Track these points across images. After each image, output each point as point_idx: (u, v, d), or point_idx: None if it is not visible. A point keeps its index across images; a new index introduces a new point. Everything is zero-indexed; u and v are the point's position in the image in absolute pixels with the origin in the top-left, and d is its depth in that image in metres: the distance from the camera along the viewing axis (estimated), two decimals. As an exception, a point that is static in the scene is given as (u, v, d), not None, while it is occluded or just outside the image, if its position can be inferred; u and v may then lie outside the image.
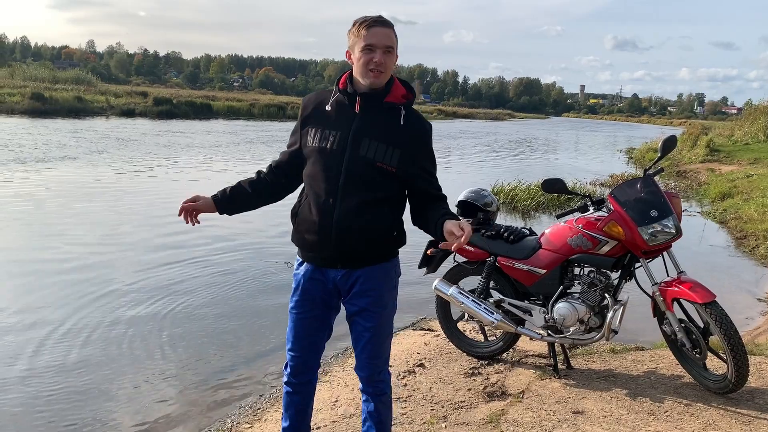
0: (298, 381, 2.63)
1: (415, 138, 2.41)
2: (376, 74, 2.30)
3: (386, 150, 2.34)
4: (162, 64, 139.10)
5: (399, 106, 2.39)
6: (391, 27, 2.33)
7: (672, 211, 3.60)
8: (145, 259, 7.10)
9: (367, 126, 2.35)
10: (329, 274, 2.46)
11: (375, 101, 2.36)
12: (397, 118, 2.38)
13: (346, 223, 2.34)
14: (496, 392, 3.75)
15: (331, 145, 2.35)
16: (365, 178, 2.34)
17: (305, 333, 2.55)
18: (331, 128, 2.37)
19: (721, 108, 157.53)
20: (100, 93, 40.64)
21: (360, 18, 2.34)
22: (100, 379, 4.29)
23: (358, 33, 2.30)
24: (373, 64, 2.29)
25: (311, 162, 2.41)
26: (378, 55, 2.28)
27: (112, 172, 13.68)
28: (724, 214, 11.15)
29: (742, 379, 3.44)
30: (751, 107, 29.97)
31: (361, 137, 2.34)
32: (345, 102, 2.38)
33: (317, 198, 2.37)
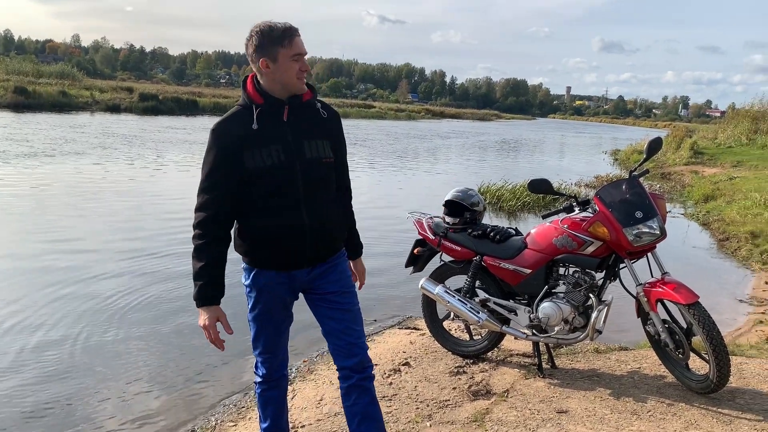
0: (275, 378, 2.70)
1: (335, 126, 2.56)
2: (303, 80, 2.40)
3: (323, 144, 2.45)
4: (148, 60, 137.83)
5: (313, 101, 2.49)
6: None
7: (657, 213, 3.63)
8: (127, 254, 7.05)
9: (300, 129, 2.41)
10: (294, 275, 2.49)
11: (296, 104, 2.42)
12: (317, 113, 2.49)
13: (319, 225, 2.42)
14: (481, 391, 3.76)
15: (278, 159, 2.34)
16: (320, 178, 2.44)
17: (277, 334, 2.62)
18: (269, 143, 2.34)
19: (705, 111, 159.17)
20: (84, 88, 40.22)
21: (274, 26, 2.31)
22: (82, 379, 4.25)
23: (284, 44, 2.31)
24: (300, 73, 2.36)
25: (262, 182, 2.34)
26: (304, 62, 2.38)
27: (114, 167, 13.56)
28: (707, 216, 11.27)
29: (723, 379, 3.47)
30: (734, 111, 30.29)
31: (301, 141, 2.39)
32: (271, 114, 2.38)
33: (283, 211, 2.37)
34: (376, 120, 51.81)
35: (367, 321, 5.41)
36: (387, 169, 17.77)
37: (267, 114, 2.37)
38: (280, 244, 2.40)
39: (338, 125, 2.58)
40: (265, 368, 2.67)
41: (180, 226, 8.58)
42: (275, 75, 2.34)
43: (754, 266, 7.93)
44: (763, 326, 5.46)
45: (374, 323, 5.45)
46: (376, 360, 4.30)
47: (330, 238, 2.50)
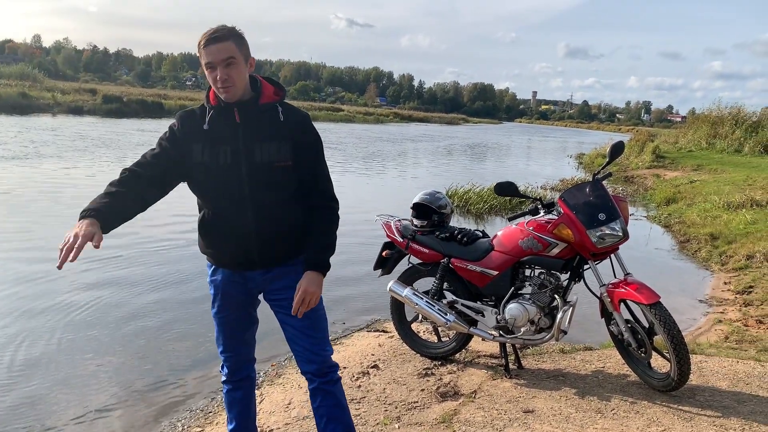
0: (238, 378, 2.70)
1: (297, 127, 2.42)
2: (227, 90, 2.29)
3: (279, 147, 2.36)
4: (112, 62, 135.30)
5: (275, 104, 2.41)
6: (227, 39, 2.25)
7: (619, 215, 3.70)
8: (87, 258, 6.92)
9: (252, 131, 2.35)
10: (248, 276, 2.50)
11: (251, 107, 2.37)
12: (277, 116, 2.40)
13: (266, 229, 2.38)
14: (449, 392, 3.79)
15: (225, 159, 2.32)
16: (270, 182, 2.36)
17: (234, 332, 2.62)
18: (217, 143, 2.34)
19: (666, 116, 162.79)
20: (46, 89, 39.33)
21: (202, 34, 2.29)
22: (42, 384, 4.15)
23: (199, 54, 2.29)
24: (219, 82, 2.27)
25: (204, 178, 2.36)
26: (219, 71, 2.25)
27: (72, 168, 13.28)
28: (669, 219, 11.52)
29: (684, 377, 3.56)
30: (694, 116, 31.06)
31: (251, 143, 2.34)
32: (223, 116, 2.36)
33: (226, 211, 2.37)
34: (345, 123, 51.78)
35: (335, 324, 5.41)
36: (356, 171, 17.77)
37: (218, 116, 2.36)
38: (227, 244, 2.43)
39: (303, 128, 2.44)
40: (227, 367, 2.69)
41: (151, 232, 8.46)
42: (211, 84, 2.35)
43: (714, 267, 8.13)
44: (721, 325, 5.60)
45: (342, 326, 5.45)
46: (344, 363, 4.30)
47: (280, 241, 2.43)
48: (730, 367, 4.16)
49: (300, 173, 2.43)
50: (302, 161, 2.42)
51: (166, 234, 8.40)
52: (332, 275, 2.87)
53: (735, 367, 4.18)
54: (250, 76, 2.38)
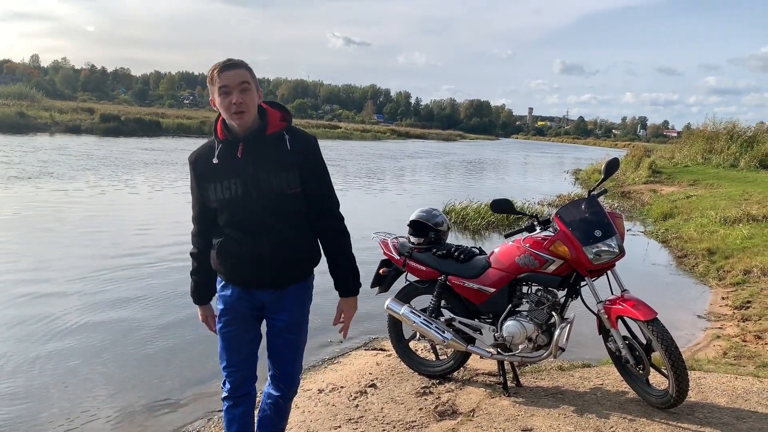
0: (239, 394, 2.71)
1: (305, 154, 2.51)
2: (239, 116, 2.37)
3: (287, 175, 2.45)
4: (110, 81, 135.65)
5: (282, 133, 2.49)
6: (242, 66, 2.40)
7: (615, 231, 3.71)
8: (90, 277, 6.90)
9: (258, 164, 2.44)
10: (256, 295, 2.60)
11: (257, 139, 2.45)
12: (284, 145, 2.48)
13: (280, 256, 2.51)
14: (447, 411, 3.77)
15: (235, 193, 2.45)
16: (281, 209, 2.48)
17: (239, 347, 2.67)
18: (227, 177, 2.46)
19: (662, 131, 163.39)
20: (44, 109, 39.44)
21: (213, 66, 2.41)
22: (38, 402, 4.12)
23: (212, 79, 2.39)
24: (233, 106, 2.35)
25: (223, 212, 2.51)
26: (235, 95, 2.35)
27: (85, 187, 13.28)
28: (666, 234, 11.54)
29: (682, 393, 3.55)
30: (689, 131, 31.22)
31: (258, 175, 2.44)
32: (230, 150, 2.46)
33: (243, 239, 2.50)
34: (342, 140, 51.95)
35: (332, 343, 5.39)
36: (353, 189, 17.79)
37: (226, 150, 2.46)
38: (242, 267, 2.54)
39: (310, 154, 2.53)
40: (228, 382, 2.71)
41: (149, 252, 8.45)
42: (221, 112, 2.44)
43: (711, 282, 8.13)
44: (720, 341, 5.59)
45: (340, 345, 5.43)
46: (342, 382, 4.28)
47: (291, 265, 2.57)
48: (728, 384, 4.15)
49: (309, 198, 2.53)
50: (311, 186, 2.53)
51: (164, 254, 8.38)
52: (329, 294, 2.89)
53: (734, 383, 4.16)
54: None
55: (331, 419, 3.71)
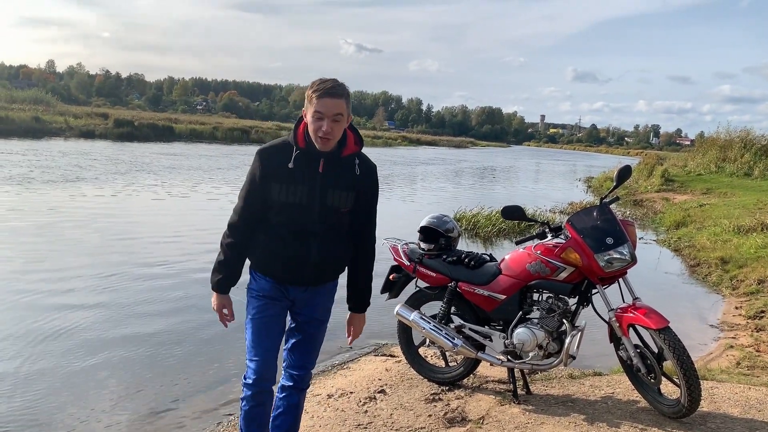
0: (262, 388, 2.75)
1: (368, 182, 2.71)
2: (324, 141, 2.51)
3: (347, 196, 2.63)
4: (124, 86, 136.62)
5: (354, 156, 2.65)
6: (342, 96, 2.48)
7: (627, 239, 3.70)
8: (98, 281, 6.95)
9: (330, 180, 2.59)
10: (290, 290, 2.73)
11: (335, 159, 2.60)
12: (353, 168, 2.65)
13: (323, 261, 2.67)
14: (457, 418, 3.76)
15: (300, 200, 2.57)
16: (334, 223, 2.66)
17: (267, 334, 2.74)
18: (297, 183, 2.56)
19: (675, 139, 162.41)
20: (59, 113, 39.84)
21: (317, 82, 2.50)
22: (49, 405, 4.15)
23: (311, 99, 2.49)
24: (321, 132, 2.48)
25: (280, 212, 2.61)
26: (326, 124, 2.47)
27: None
28: (679, 242, 11.46)
29: (694, 403, 3.52)
30: (702, 139, 31.03)
31: (326, 190, 2.59)
32: (307, 160, 2.57)
33: (291, 241, 2.62)
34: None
35: (342, 349, 5.39)
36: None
37: (304, 159, 2.57)
38: (286, 267, 2.66)
39: (371, 181, 2.72)
40: (254, 371, 2.73)
41: (167, 254, 8.50)
42: (309, 128, 2.54)
43: (725, 291, 8.07)
44: (733, 351, 5.54)
45: (350, 350, 5.42)
46: (351, 387, 4.28)
47: (329, 270, 2.75)
48: (741, 394, 4.10)
49: (357, 216, 2.72)
50: (362, 208, 2.72)
51: (172, 257, 8.43)
52: (339, 299, 2.90)
53: (747, 393, 4.12)
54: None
55: (341, 424, 3.70)
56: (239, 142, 43.19)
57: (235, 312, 2.84)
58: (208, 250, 8.16)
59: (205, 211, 12.82)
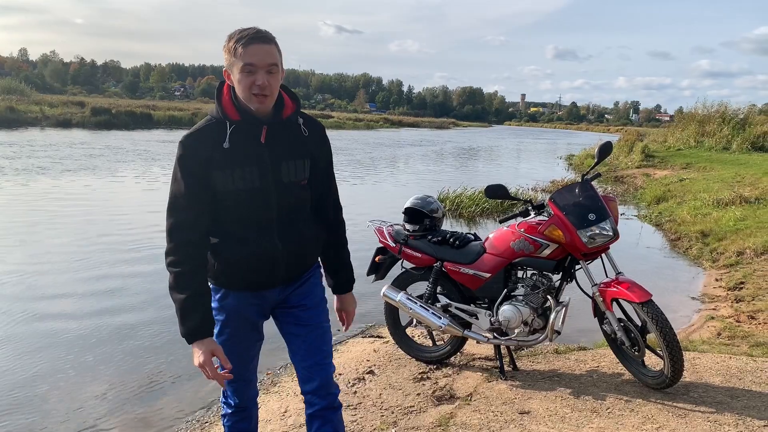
0: (247, 407, 2.47)
1: (317, 143, 2.30)
2: (261, 99, 2.06)
3: (302, 165, 2.23)
4: (100, 74, 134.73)
5: (296, 117, 2.23)
6: (272, 42, 2.07)
7: (609, 215, 3.73)
8: (81, 273, 6.90)
9: (278, 150, 2.16)
10: (267, 296, 2.31)
11: (276, 122, 2.16)
12: (299, 130, 2.23)
13: (292, 249, 2.24)
14: (445, 396, 3.80)
15: (252, 183, 2.11)
16: (295, 201, 2.24)
17: (246, 360, 2.39)
18: (242, 165, 2.10)
19: (654, 115, 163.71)
20: (33, 103, 39.16)
21: (236, 32, 2.05)
22: (34, 398, 4.13)
23: (235, 51, 2.02)
24: (256, 88, 2.03)
25: (231, 205, 2.12)
26: (260, 76, 2.03)
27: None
28: (660, 217, 11.59)
29: (677, 374, 3.59)
30: (681, 115, 31.29)
31: (278, 164, 2.16)
32: (245, 133, 2.11)
33: (250, 237, 2.16)
34: (335, 130, 51.78)
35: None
36: (348, 177, 17.77)
37: (242, 132, 2.11)
38: (252, 269, 2.21)
39: (320, 141, 2.31)
40: (237, 397, 2.43)
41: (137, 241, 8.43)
42: (236, 90, 2.09)
43: (705, 264, 8.19)
44: (714, 322, 5.64)
45: (337, 333, 5.44)
46: (340, 369, 4.30)
47: (303, 259, 2.33)
48: (723, 363, 4.19)
49: (317, 188, 2.33)
50: (319, 176, 2.32)
51: (145, 246, 8.38)
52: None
53: (728, 363, 4.21)
54: None
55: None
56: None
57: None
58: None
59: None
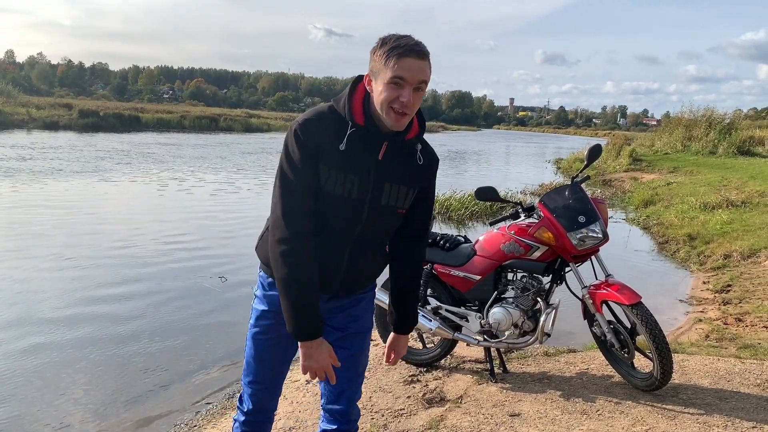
0: (261, 418, 2.27)
1: (429, 175, 2.13)
2: (400, 117, 1.86)
3: (406, 193, 2.04)
4: (87, 76, 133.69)
5: (416, 142, 2.05)
6: (427, 57, 1.87)
7: (599, 217, 3.74)
8: (72, 274, 6.83)
9: (388, 171, 1.98)
10: None
11: (398, 142, 1.99)
12: (415, 156, 2.05)
13: (355, 267, 2.07)
14: (435, 398, 3.79)
15: (349, 193, 1.93)
16: (383, 225, 2.07)
17: (273, 359, 2.19)
18: (347, 172, 1.92)
19: (642, 120, 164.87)
20: (20, 105, 38.84)
21: (391, 38, 1.85)
22: (18, 403, 4.08)
23: (386, 60, 1.83)
24: (399, 104, 1.84)
25: (321, 208, 1.96)
26: (407, 93, 1.83)
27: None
28: (647, 221, 11.66)
29: (666, 376, 3.60)
30: (668, 119, 31.54)
31: (382, 183, 1.98)
32: (364, 142, 1.94)
33: (327, 244, 2.00)
34: (324, 133, 51.68)
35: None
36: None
37: (361, 140, 1.93)
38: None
39: (432, 175, 2.15)
40: (252, 402, 2.23)
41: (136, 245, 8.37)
42: (374, 96, 1.90)
43: (692, 267, 8.24)
44: (702, 324, 5.67)
45: (327, 336, 5.42)
46: (329, 372, 4.27)
47: (363, 278, 2.16)
48: (711, 365, 4.21)
49: (413, 221, 2.15)
50: (419, 209, 2.14)
51: (151, 247, 8.32)
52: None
53: (716, 364, 4.23)
54: None
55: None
56: (208, 130, 42.70)
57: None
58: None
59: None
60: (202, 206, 12.16)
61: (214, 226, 10.18)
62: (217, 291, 6.57)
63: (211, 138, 35.88)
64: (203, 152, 25.63)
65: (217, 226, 10.23)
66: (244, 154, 26.24)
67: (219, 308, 6.07)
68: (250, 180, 17.11)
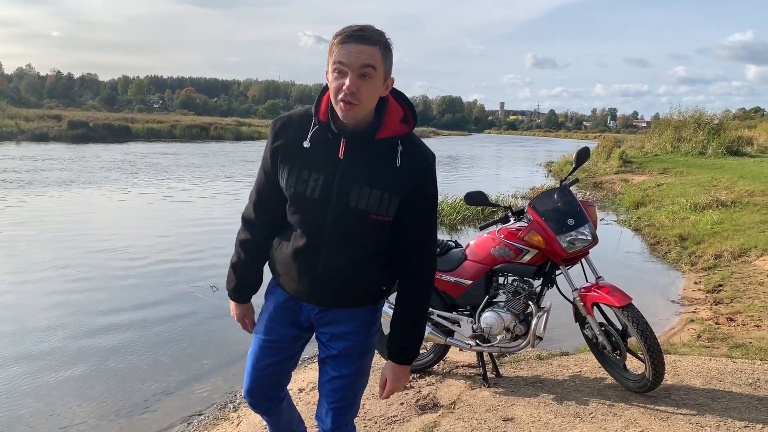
0: (254, 404, 2.34)
1: (415, 179, 1.95)
2: (348, 108, 1.79)
3: (382, 197, 1.91)
4: (77, 87, 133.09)
5: (395, 141, 1.92)
6: (374, 43, 1.78)
7: (588, 219, 3.75)
8: (61, 282, 6.78)
9: (356, 171, 1.90)
10: (303, 307, 2.13)
11: (364, 142, 1.89)
12: (393, 158, 1.92)
13: (331, 279, 2.01)
14: (428, 404, 3.78)
15: (311, 192, 1.91)
16: (356, 232, 1.95)
17: (265, 356, 2.21)
18: (310, 169, 1.91)
19: (632, 122, 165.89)
20: (8, 117, 38.64)
21: (342, 30, 1.81)
22: (8, 421, 4.04)
23: (331, 50, 1.80)
24: (342, 92, 1.78)
25: (289, 206, 2.00)
26: (349, 79, 1.76)
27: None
28: (638, 222, 11.70)
29: (659, 377, 3.60)
30: (658, 120, 31.73)
31: (350, 184, 1.89)
32: (325, 139, 1.90)
33: (298, 248, 2.00)
34: (315, 140, 51.74)
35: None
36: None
37: (322, 137, 1.91)
38: (292, 276, 2.07)
39: (420, 178, 1.96)
40: (246, 391, 2.30)
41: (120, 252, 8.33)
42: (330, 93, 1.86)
43: (684, 268, 8.27)
44: (694, 324, 5.69)
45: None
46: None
47: (346, 292, 2.06)
48: (703, 365, 4.22)
49: (403, 234, 2.01)
50: (409, 219, 1.99)
51: (140, 254, 8.27)
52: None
53: (708, 364, 4.24)
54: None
55: (313, 418, 3.68)
56: (199, 139, 42.63)
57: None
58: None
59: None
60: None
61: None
62: (209, 300, 6.54)
63: (206, 147, 35.82)
64: (205, 161, 25.62)
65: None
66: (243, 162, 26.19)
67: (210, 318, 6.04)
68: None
